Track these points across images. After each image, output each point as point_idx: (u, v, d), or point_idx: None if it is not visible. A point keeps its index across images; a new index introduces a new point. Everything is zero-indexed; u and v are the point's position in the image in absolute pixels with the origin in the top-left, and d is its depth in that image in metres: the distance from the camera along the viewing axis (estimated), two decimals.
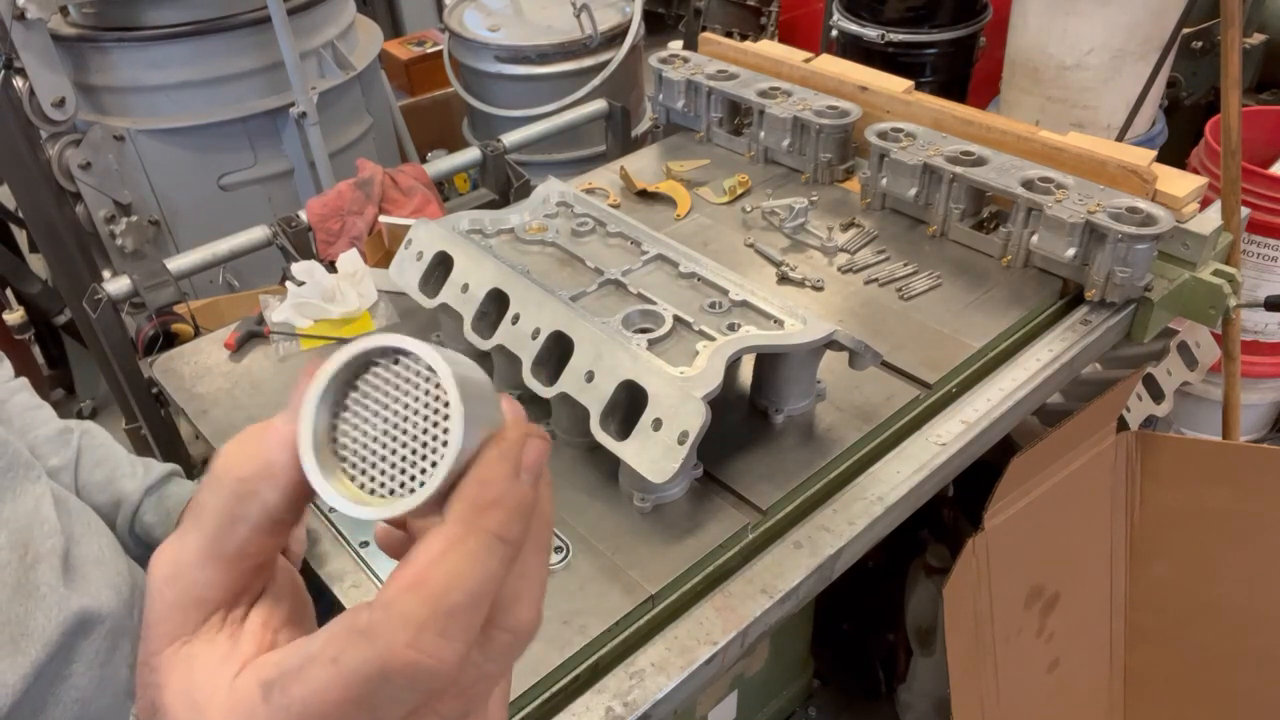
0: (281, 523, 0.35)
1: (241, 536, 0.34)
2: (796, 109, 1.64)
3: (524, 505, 0.32)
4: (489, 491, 0.31)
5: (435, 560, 0.30)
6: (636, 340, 1.05)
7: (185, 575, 0.34)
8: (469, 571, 0.30)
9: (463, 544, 0.30)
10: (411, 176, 1.76)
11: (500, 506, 0.31)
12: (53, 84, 2.10)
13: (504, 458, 0.32)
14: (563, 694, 0.92)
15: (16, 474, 0.81)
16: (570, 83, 2.80)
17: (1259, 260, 2.20)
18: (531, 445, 0.33)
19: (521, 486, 0.32)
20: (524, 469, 0.32)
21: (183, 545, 0.34)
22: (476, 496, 0.31)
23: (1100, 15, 2.23)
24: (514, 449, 0.32)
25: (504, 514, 0.31)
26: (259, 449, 0.34)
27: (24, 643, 0.73)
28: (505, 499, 0.31)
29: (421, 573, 0.30)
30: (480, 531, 0.31)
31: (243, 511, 0.33)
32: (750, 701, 1.78)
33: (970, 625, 1.51)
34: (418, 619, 0.29)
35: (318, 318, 1.42)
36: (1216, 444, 1.78)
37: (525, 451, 0.32)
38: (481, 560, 0.30)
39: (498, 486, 0.32)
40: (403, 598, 0.30)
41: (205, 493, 0.34)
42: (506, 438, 0.33)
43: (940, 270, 1.44)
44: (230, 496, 0.33)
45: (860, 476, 1.14)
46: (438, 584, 0.30)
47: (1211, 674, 1.75)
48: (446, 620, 0.29)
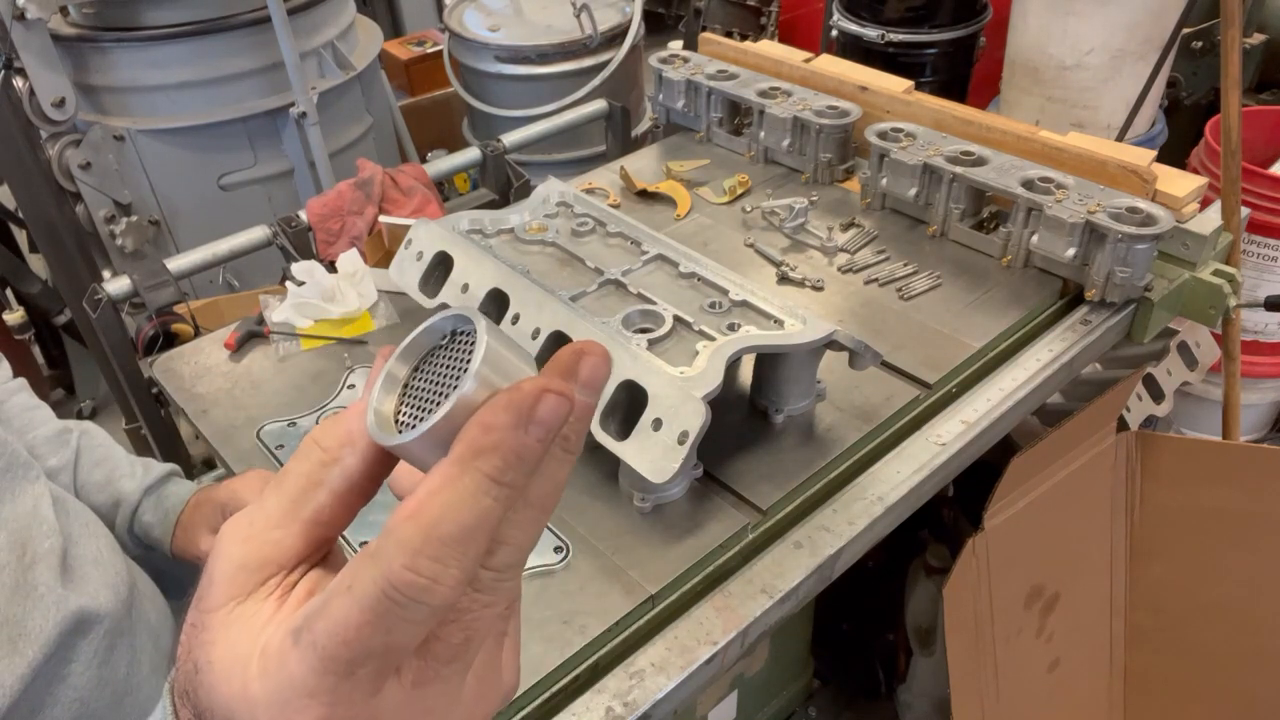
0: (359, 491, 0.38)
1: (320, 501, 0.37)
2: (796, 109, 1.64)
3: (524, 453, 0.33)
4: (488, 435, 0.33)
5: (431, 493, 0.32)
6: (636, 340, 1.05)
7: (258, 535, 0.37)
8: (461, 506, 0.32)
9: (457, 481, 0.32)
10: (411, 176, 1.76)
11: (496, 451, 0.33)
12: (53, 84, 2.10)
13: (510, 406, 0.33)
14: (563, 694, 0.92)
15: (15, 475, 0.81)
16: (570, 83, 2.80)
17: (1259, 260, 2.20)
18: (546, 400, 0.33)
19: (523, 435, 0.33)
20: (534, 422, 0.33)
21: (260, 509, 0.37)
22: (474, 439, 0.33)
23: (1100, 15, 2.23)
24: (524, 399, 0.33)
25: (499, 458, 0.33)
26: (343, 421, 0.37)
27: (21, 643, 0.73)
28: (503, 444, 0.33)
29: (418, 503, 0.32)
30: (474, 471, 0.32)
31: (325, 476, 0.37)
32: (750, 701, 1.78)
33: (970, 625, 1.51)
34: (413, 544, 0.32)
35: (318, 318, 1.42)
36: (1216, 444, 1.78)
37: (539, 406, 0.33)
38: (473, 497, 0.32)
39: (497, 432, 0.33)
40: (400, 525, 0.32)
41: (293, 461, 0.38)
42: (520, 388, 0.34)
43: (940, 270, 1.44)
44: (316, 463, 0.37)
45: (860, 476, 1.14)
46: (430, 514, 0.32)
47: (1211, 674, 1.75)
48: (439, 546, 0.32)
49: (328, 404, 1.27)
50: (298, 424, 1.24)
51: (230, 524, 0.38)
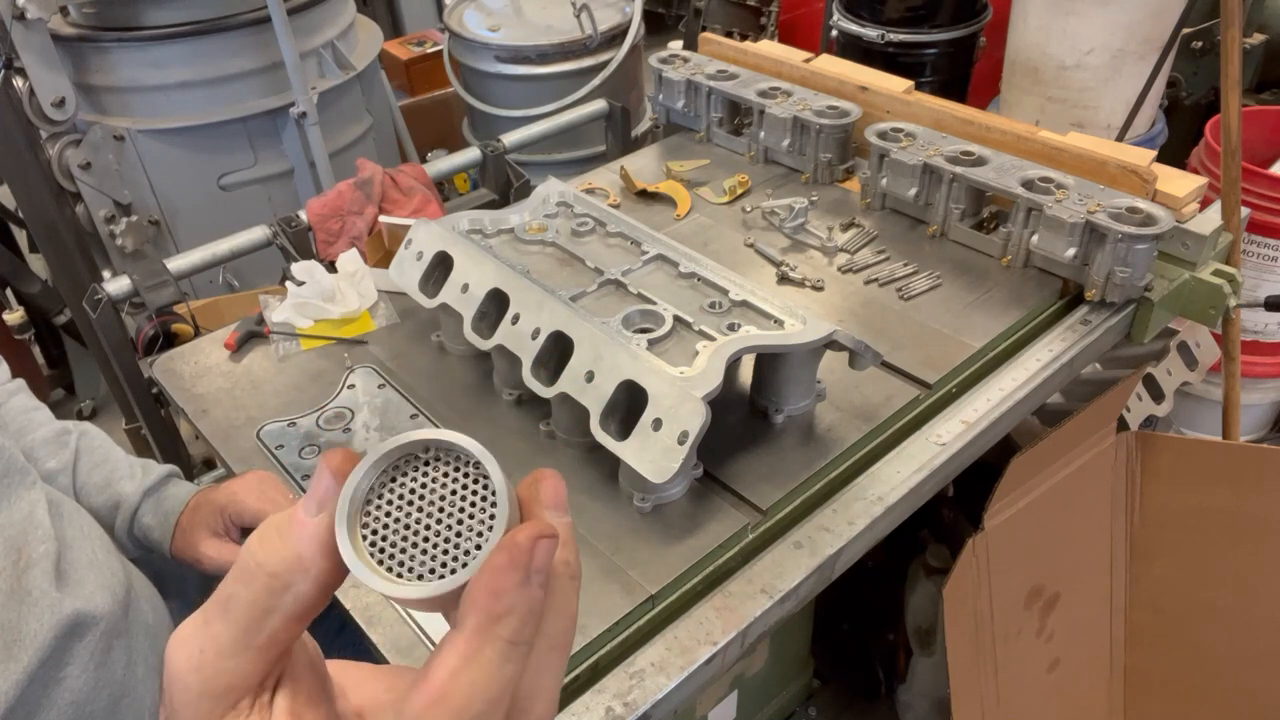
0: (313, 610, 0.36)
1: (274, 627, 0.35)
2: (796, 109, 1.64)
3: (535, 608, 0.33)
4: (501, 602, 0.32)
5: (455, 673, 0.32)
6: (636, 340, 1.05)
7: (211, 665, 0.34)
8: (487, 681, 0.32)
9: (480, 655, 0.32)
10: (411, 176, 1.76)
11: (513, 614, 0.32)
12: (53, 84, 2.10)
13: (514, 566, 0.33)
14: (563, 694, 0.92)
15: (11, 480, 0.81)
16: (570, 83, 2.80)
17: (1259, 260, 2.20)
18: (540, 548, 0.33)
19: (531, 589, 0.33)
20: (534, 570, 0.33)
21: (209, 635, 0.35)
22: (490, 607, 0.32)
23: (1100, 15, 2.23)
24: (523, 556, 0.33)
25: (517, 621, 0.32)
26: (289, 544, 0.34)
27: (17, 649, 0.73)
28: (517, 606, 0.33)
29: (444, 687, 0.31)
30: (495, 640, 0.32)
31: (276, 604, 0.34)
32: (750, 701, 1.78)
33: (970, 625, 1.51)
34: None
35: (318, 318, 1.42)
36: (1216, 444, 1.78)
37: (536, 554, 0.33)
38: (498, 668, 0.32)
39: (509, 596, 0.33)
40: (429, 712, 0.31)
41: (235, 585, 0.35)
42: (516, 543, 0.33)
43: (940, 270, 1.44)
44: (263, 590, 0.34)
45: (860, 476, 1.14)
46: (460, 698, 0.31)
47: (1211, 674, 1.75)
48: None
49: (328, 404, 1.27)
50: (298, 424, 1.24)
51: (176, 646, 0.35)
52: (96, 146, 2.25)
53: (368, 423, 1.23)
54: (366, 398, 1.27)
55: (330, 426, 1.23)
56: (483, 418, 1.22)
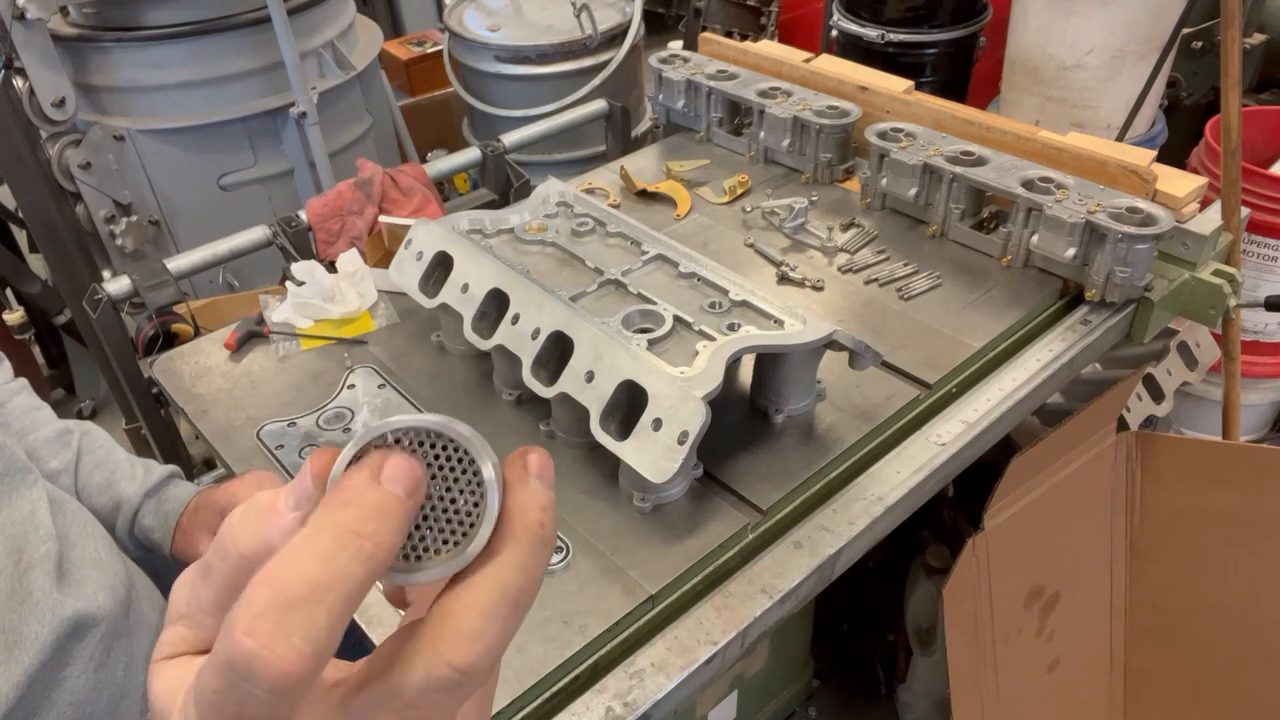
0: None
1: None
2: (796, 109, 1.64)
3: (386, 507, 0.32)
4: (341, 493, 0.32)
5: (284, 556, 0.31)
6: (636, 340, 1.05)
7: (196, 616, 0.36)
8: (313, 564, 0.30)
9: (311, 540, 0.31)
10: (411, 176, 1.76)
11: (356, 505, 0.32)
12: (53, 84, 2.10)
13: (360, 467, 0.33)
14: (563, 694, 0.92)
15: (13, 479, 0.81)
16: (570, 83, 2.80)
17: (1259, 260, 2.20)
18: (394, 459, 0.33)
19: (382, 490, 0.33)
20: (386, 476, 0.33)
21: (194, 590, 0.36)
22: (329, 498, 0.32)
23: (1100, 15, 2.23)
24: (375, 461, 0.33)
25: (357, 510, 0.32)
26: (262, 529, 0.35)
27: (17, 650, 0.73)
28: (364, 498, 0.32)
29: (273, 566, 0.31)
30: (330, 526, 0.31)
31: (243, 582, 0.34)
32: (750, 701, 1.78)
33: (970, 625, 1.51)
34: (256, 607, 0.29)
35: (318, 318, 1.42)
36: (1216, 444, 1.78)
37: (388, 463, 0.33)
38: (330, 555, 0.30)
39: (352, 488, 0.32)
40: (251, 590, 0.30)
41: (213, 556, 0.35)
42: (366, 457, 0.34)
43: (940, 270, 1.44)
44: (234, 569, 0.35)
45: (860, 476, 1.14)
46: (279, 577, 0.30)
47: (1211, 674, 1.75)
48: (285, 611, 0.29)
49: (328, 404, 1.27)
50: (298, 424, 1.24)
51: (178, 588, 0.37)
52: (96, 146, 2.25)
53: (368, 423, 1.22)
54: (366, 398, 1.27)
55: (330, 426, 1.23)
56: (483, 418, 1.22)
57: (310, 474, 0.35)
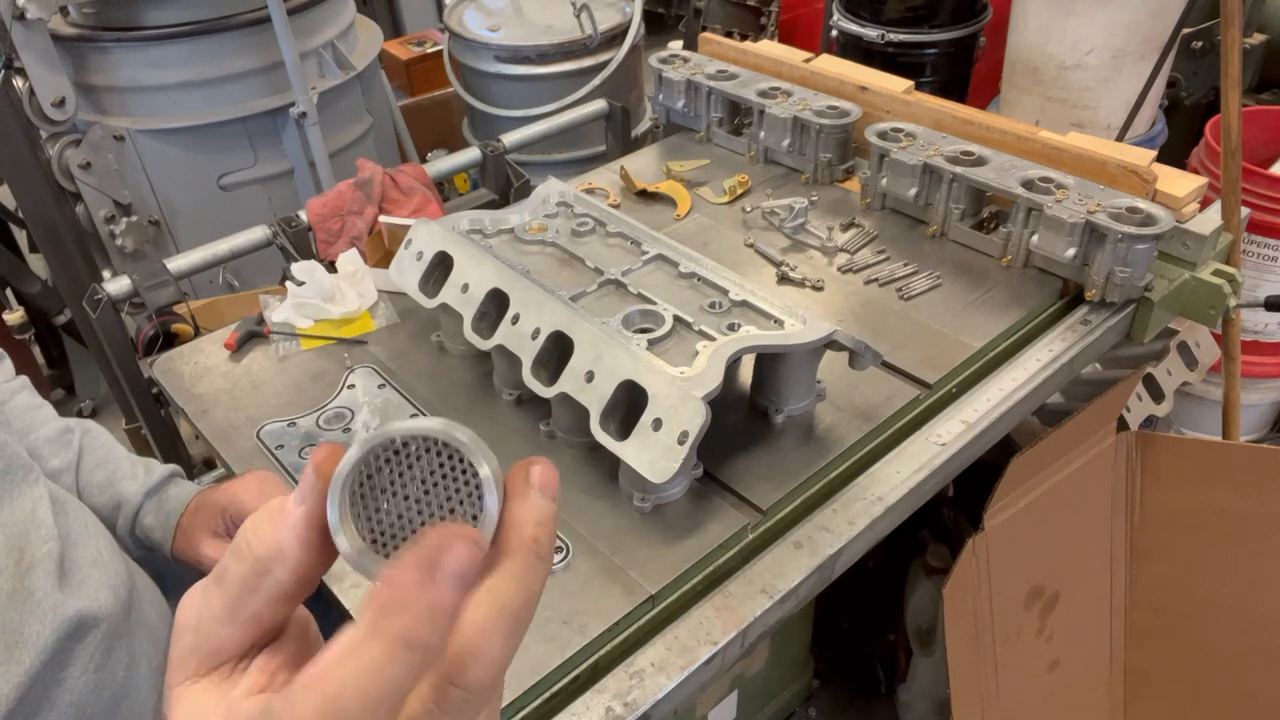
0: (295, 596, 0.37)
1: (257, 605, 0.36)
2: (796, 109, 1.64)
3: (439, 607, 0.32)
4: (394, 596, 0.31)
5: (336, 662, 0.31)
6: (636, 340, 1.05)
7: (205, 627, 0.37)
8: (365, 677, 0.30)
9: (365, 648, 0.31)
10: (411, 176, 1.76)
11: (406, 612, 0.31)
12: (53, 84, 2.10)
13: (416, 562, 0.32)
14: (563, 694, 0.92)
15: (14, 477, 0.81)
16: (570, 83, 2.80)
17: (1259, 260, 2.20)
18: (453, 550, 0.32)
19: (433, 589, 0.32)
20: (441, 570, 0.32)
21: (207, 600, 0.37)
22: (382, 600, 0.31)
23: (1100, 15, 2.23)
24: (428, 551, 0.32)
25: (410, 619, 0.31)
26: (274, 532, 0.36)
27: (18, 651, 0.73)
28: (413, 604, 0.31)
29: (322, 671, 0.31)
30: (382, 636, 0.31)
31: (259, 584, 0.36)
32: (750, 701, 1.78)
33: (970, 625, 1.51)
34: (306, 717, 0.30)
35: (318, 318, 1.42)
36: (1216, 444, 1.78)
37: (447, 555, 0.32)
38: (380, 666, 0.30)
39: (405, 592, 0.31)
40: (302, 694, 0.30)
41: (230, 560, 0.36)
42: (424, 540, 0.33)
43: (940, 270, 1.44)
44: (249, 571, 0.36)
45: (860, 476, 1.14)
46: (333, 687, 0.30)
47: (1211, 674, 1.75)
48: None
49: (328, 404, 1.27)
50: (298, 424, 1.24)
51: (185, 602, 0.37)
52: (96, 146, 2.25)
53: (368, 423, 1.23)
54: (366, 398, 1.27)
55: (330, 426, 1.23)
56: (483, 418, 1.22)
57: (312, 465, 0.35)
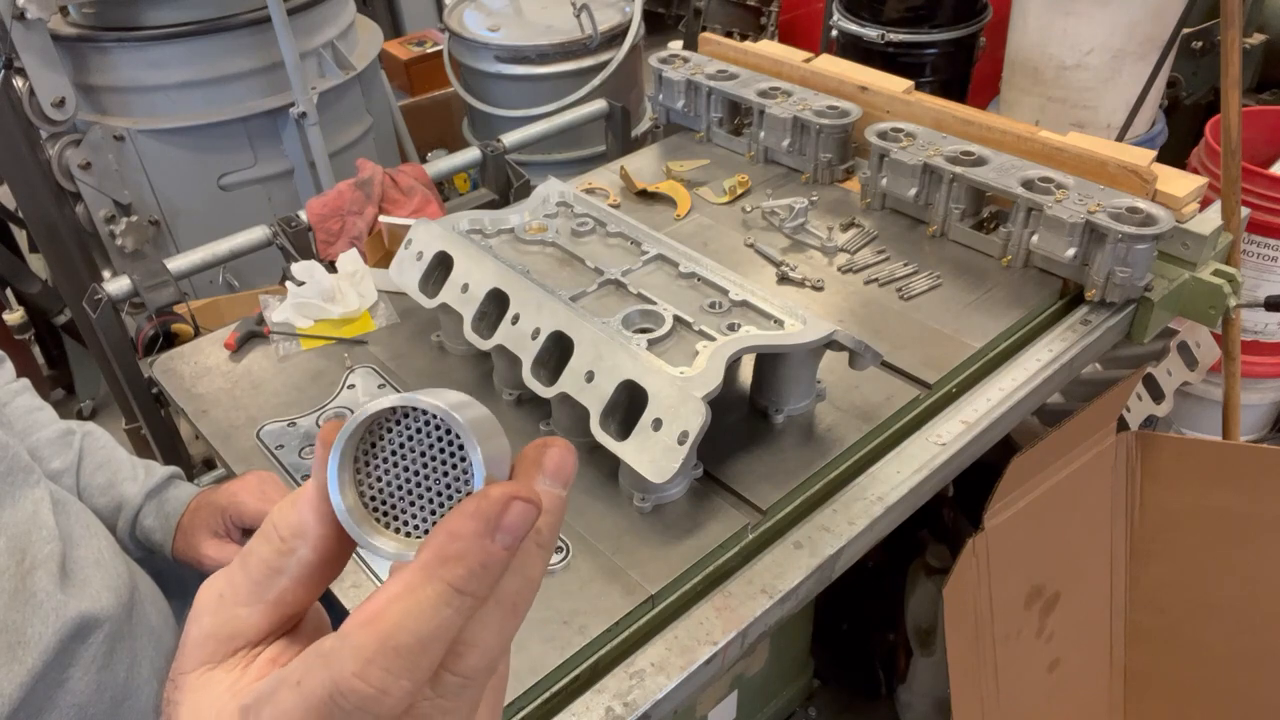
0: (320, 576, 0.38)
1: (282, 586, 0.37)
2: (796, 109, 1.64)
3: (489, 562, 0.33)
4: (454, 545, 0.32)
5: (391, 600, 0.32)
6: (636, 340, 1.05)
7: (227, 610, 0.37)
8: (419, 616, 0.32)
9: (420, 590, 0.32)
10: (411, 176, 1.76)
11: (463, 560, 0.32)
12: (53, 84, 2.10)
13: (477, 515, 0.33)
14: (563, 694, 0.92)
15: (15, 479, 0.81)
16: (570, 83, 2.80)
17: (1259, 260, 2.20)
18: (514, 508, 0.33)
19: (491, 545, 0.33)
20: (501, 530, 0.33)
21: (231, 581, 0.37)
22: (441, 547, 0.33)
23: (1100, 15, 2.23)
24: (492, 507, 0.33)
25: (464, 569, 0.32)
26: (296, 510, 0.37)
27: (20, 651, 0.73)
28: (469, 554, 0.32)
29: (378, 610, 0.32)
30: (438, 581, 0.32)
31: (284, 565, 0.37)
32: (750, 701, 1.78)
33: (970, 625, 1.51)
34: (365, 652, 0.31)
35: (318, 318, 1.42)
36: (1216, 444, 1.78)
37: (507, 513, 0.33)
38: (433, 607, 0.32)
39: (464, 542, 0.32)
40: (357, 631, 0.32)
41: (256, 542, 0.37)
42: (488, 495, 0.33)
43: (940, 270, 1.44)
44: (274, 551, 0.37)
45: (860, 476, 1.14)
46: (388, 623, 0.31)
47: (1211, 674, 1.75)
48: (393, 657, 0.31)
49: (328, 404, 1.27)
50: (298, 424, 1.24)
51: (206, 588, 0.38)
52: (96, 146, 2.25)
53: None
54: (366, 398, 1.27)
55: None
56: None
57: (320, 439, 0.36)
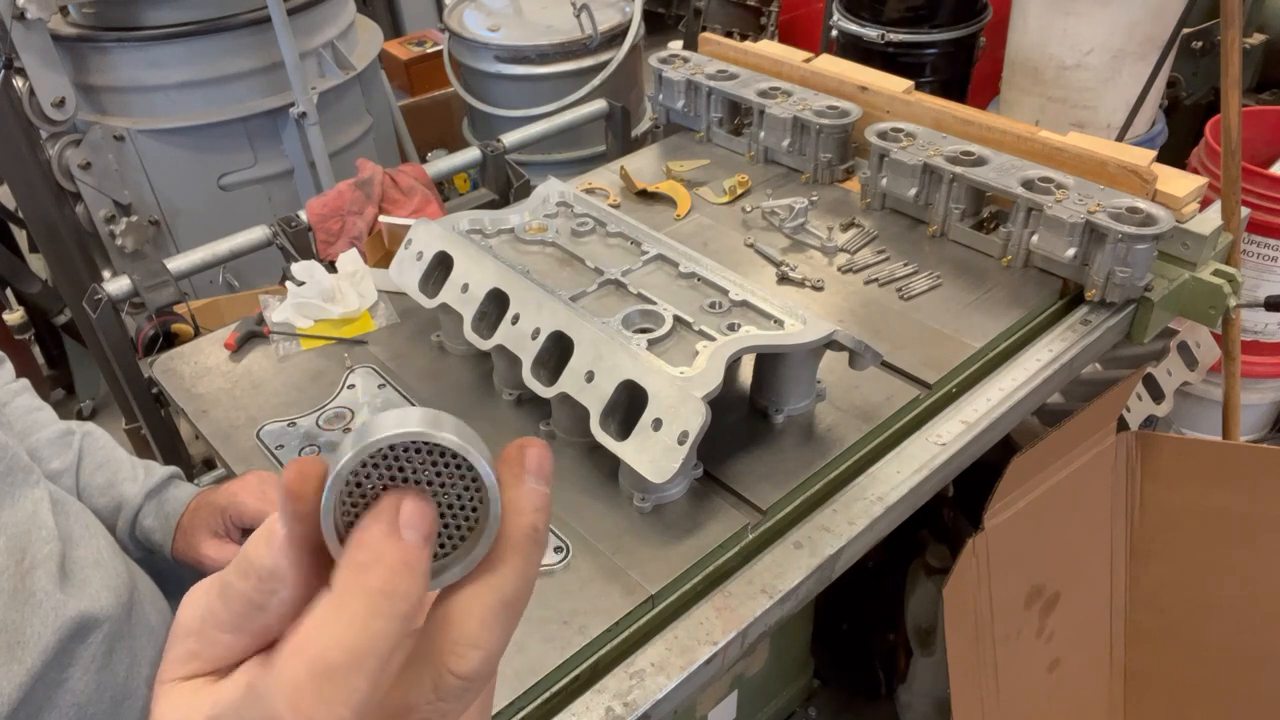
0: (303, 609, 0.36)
1: (267, 620, 0.35)
2: (796, 109, 1.64)
3: (410, 560, 0.32)
4: (366, 551, 0.32)
5: (317, 624, 0.31)
6: (636, 340, 1.05)
7: (210, 634, 0.35)
8: (349, 632, 0.30)
9: (346, 605, 0.31)
10: (411, 176, 1.76)
11: (381, 563, 0.31)
12: (53, 84, 2.10)
13: (376, 518, 0.32)
14: (563, 694, 0.92)
15: (15, 479, 0.81)
16: (570, 83, 2.80)
17: (1259, 260, 2.20)
18: (408, 506, 0.33)
19: (401, 542, 0.32)
20: (403, 525, 0.32)
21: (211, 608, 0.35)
22: (355, 558, 0.32)
23: (1100, 15, 2.23)
24: (388, 511, 0.32)
25: (385, 570, 0.31)
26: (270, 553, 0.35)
27: (20, 651, 0.73)
28: (386, 555, 0.32)
29: (304, 636, 0.31)
30: (361, 590, 0.31)
31: (264, 602, 0.35)
32: (750, 701, 1.78)
33: (970, 625, 1.51)
34: (295, 681, 0.30)
35: (318, 318, 1.42)
36: (1216, 444, 1.78)
37: (402, 509, 0.33)
38: (363, 621, 0.30)
39: (376, 545, 0.32)
40: (286, 660, 0.30)
41: (235, 575, 0.35)
42: (378, 504, 0.33)
43: (940, 270, 1.44)
44: (254, 589, 0.35)
45: (860, 476, 1.14)
46: (316, 648, 0.30)
47: (1211, 674, 1.75)
48: (325, 682, 0.30)
49: (328, 404, 1.27)
50: (298, 424, 1.24)
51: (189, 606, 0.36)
52: (96, 146, 2.25)
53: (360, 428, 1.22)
54: (366, 398, 1.27)
55: (330, 426, 1.23)
56: (483, 418, 1.22)
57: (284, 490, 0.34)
